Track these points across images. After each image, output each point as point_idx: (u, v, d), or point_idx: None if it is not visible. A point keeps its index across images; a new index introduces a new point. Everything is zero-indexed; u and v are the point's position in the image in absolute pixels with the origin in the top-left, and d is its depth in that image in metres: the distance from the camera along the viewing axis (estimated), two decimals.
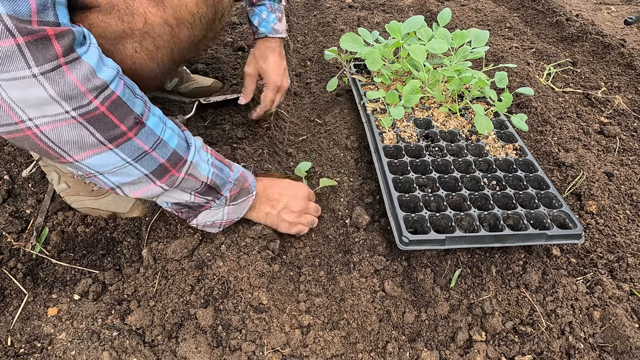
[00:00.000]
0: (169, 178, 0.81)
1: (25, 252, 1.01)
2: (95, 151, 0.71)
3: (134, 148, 0.74)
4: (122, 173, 0.76)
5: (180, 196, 0.87)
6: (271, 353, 0.86)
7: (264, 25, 1.28)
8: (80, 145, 0.70)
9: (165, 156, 0.79)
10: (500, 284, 1.01)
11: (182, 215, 0.93)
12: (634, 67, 1.85)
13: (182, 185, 0.84)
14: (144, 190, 0.81)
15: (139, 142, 0.75)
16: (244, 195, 0.97)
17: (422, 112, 1.35)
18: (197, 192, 0.87)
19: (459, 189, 1.09)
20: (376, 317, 0.93)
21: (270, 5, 1.29)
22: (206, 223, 0.96)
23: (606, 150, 1.45)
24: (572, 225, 1.01)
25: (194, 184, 0.86)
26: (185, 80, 1.55)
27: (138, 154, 0.75)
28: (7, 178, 1.16)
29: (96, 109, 0.68)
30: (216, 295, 0.93)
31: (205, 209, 0.93)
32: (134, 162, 0.76)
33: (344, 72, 1.64)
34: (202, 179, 0.86)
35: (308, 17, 2.36)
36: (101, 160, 0.73)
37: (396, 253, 1.06)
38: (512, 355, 0.90)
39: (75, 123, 0.67)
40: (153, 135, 0.77)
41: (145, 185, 0.80)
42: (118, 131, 0.72)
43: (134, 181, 0.79)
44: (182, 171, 0.82)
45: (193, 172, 0.84)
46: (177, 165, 0.81)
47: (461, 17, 2.35)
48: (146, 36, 0.80)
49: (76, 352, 0.84)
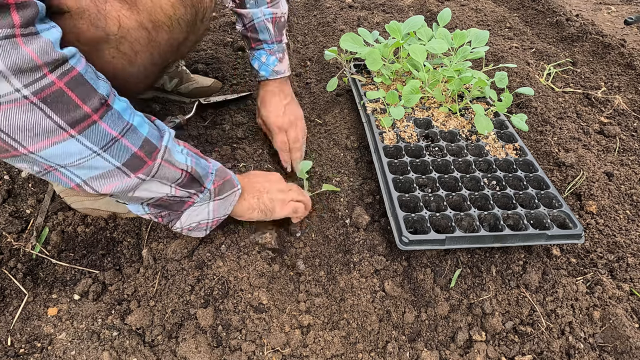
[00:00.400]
0: (145, 169, 0.72)
1: (25, 252, 1.01)
2: (55, 139, 0.61)
3: (100, 134, 0.65)
4: (88, 166, 0.67)
5: (158, 189, 0.77)
6: (271, 353, 0.86)
7: (264, 68, 1.27)
8: (36, 132, 0.60)
9: (137, 144, 0.70)
10: (500, 284, 1.01)
11: (163, 220, 0.86)
12: (634, 67, 1.85)
13: (159, 173, 0.75)
14: (116, 184, 0.71)
15: (106, 127, 0.65)
16: (228, 188, 0.90)
17: (422, 112, 1.35)
18: (177, 185, 0.79)
19: (459, 189, 1.09)
20: (376, 317, 0.93)
21: (269, 48, 1.26)
22: (191, 225, 0.89)
23: (606, 150, 1.45)
24: (572, 225, 1.01)
25: (174, 174, 0.77)
26: (185, 81, 1.55)
27: (106, 141, 0.66)
28: (7, 178, 1.16)
29: (52, 84, 0.59)
30: (216, 295, 0.93)
31: (188, 206, 0.85)
32: (102, 151, 0.66)
33: (344, 72, 1.64)
34: (180, 167, 0.78)
35: (308, 17, 2.36)
36: (62, 149, 0.63)
37: (396, 253, 1.06)
38: (512, 355, 0.90)
39: (27, 104, 0.57)
40: (121, 120, 0.68)
41: (118, 179, 0.71)
42: (80, 113, 0.62)
43: (103, 174, 0.69)
44: (157, 157, 0.74)
45: (169, 158, 0.76)
46: (152, 154, 0.73)
47: (461, 17, 2.35)
48: (123, 40, 0.76)
49: (76, 352, 0.84)
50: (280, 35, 1.27)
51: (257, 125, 1.41)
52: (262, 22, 1.22)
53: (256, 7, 1.20)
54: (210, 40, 2.00)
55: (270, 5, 1.21)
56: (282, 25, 1.27)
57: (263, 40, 1.25)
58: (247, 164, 1.28)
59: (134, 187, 0.74)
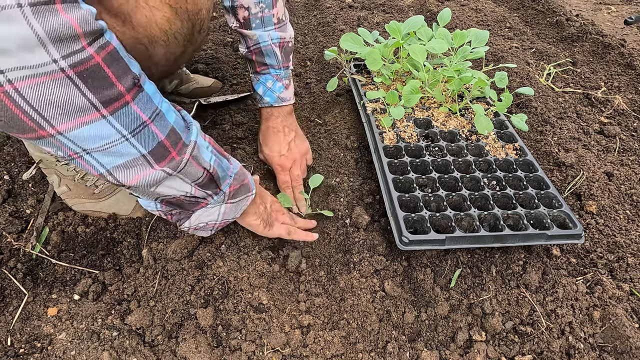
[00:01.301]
0: (169, 161, 0.69)
1: (25, 252, 1.01)
2: (85, 119, 0.57)
3: (131, 117, 0.61)
4: (115, 152, 0.63)
5: (180, 187, 0.75)
6: (271, 353, 0.86)
7: (269, 94, 1.21)
8: (67, 110, 0.55)
9: (164, 132, 0.67)
10: (500, 284, 1.01)
11: (172, 218, 0.84)
12: (634, 67, 1.85)
13: (185, 170, 0.72)
14: (142, 175, 0.67)
15: (137, 109, 0.62)
16: (243, 192, 0.88)
17: (422, 112, 1.35)
18: (197, 184, 0.76)
19: (459, 189, 1.09)
20: (376, 317, 0.93)
21: (276, 73, 1.19)
22: (198, 225, 0.87)
23: (606, 150, 1.45)
24: (572, 225, 1.01)
25: (196, 172, 0.74)
26: (185, 81, 1.55)
27: (136, 125, 0.62)
28: (7, 178, 1.16)
29: (90, 58, 0.55)
30: (216, 295, 0.93)
31: (201, 207, 0.83)
32: (130, 136, 0.62)
33: (344, 72, 1.64)
34: (204, 166, 0.75)
35: (308, 17, 2.36)
36: (91, 131, 0.59)
37: (396, 253, 1.06)
38: (512, 355, 0.90)
39: (63, 78, 0.53)
40: (150, 103, 0.64)
41: (142, 169, 0.67)
42: (114, 92, 0.58)
43: (128, 163, 0.65)
44: (185, 152, 0.71)
45: (197, 154, 0.73)
46: (177, 146, 0.69)
47: (461, 17, 2.35)
48: None
49: (76, 352, 0.84)
50: (288, 61, 1.21)
51: (257, 126, 1.41)
52: (269, 46, 1.15)
53: (262, 29, 1.13)
54: (210, 40, 2.00)
55: (277, 28, 1.15)
56: (289, 50, 1.21)
57: (269, 64, 1.18)
58: (247, 164, 1.28)
59: (159, 181, 0.70)
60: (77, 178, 1.02)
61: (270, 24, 1.13)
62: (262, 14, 1.11)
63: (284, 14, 1.17)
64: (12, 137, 1.23)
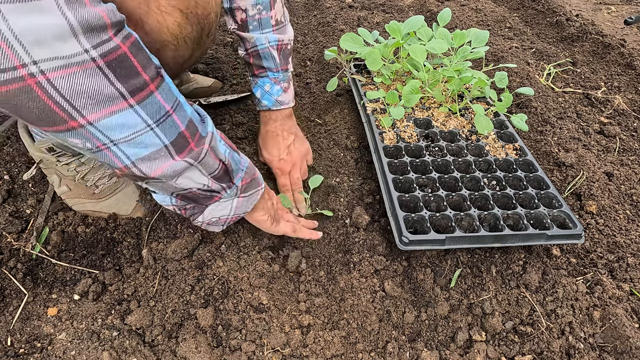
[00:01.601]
0: (188, 152, 0.70)
1: (25, 252, 1.01)
2: (114, 108, 0.58)
3: (156, 106, 0.63)
4: (139, 142, 0.64)
5: (198, 179, 0.75)
6: (271, 353, 0.86)
7: (267, 97, 1.21)
8: (98, 99, 0.56)
9: (184, 123, 0.68)
10: (500, 284, 1.01)
11: (186, 212, 0.85)
12: (634, 67, 1.85)
13: (205, 160, 0.73)
14: (164, 166, 0.68)
15: (160, 99, 0.63)
16: (254, 186, 0.89)
17: (422, 112, 1.35)
18: (213, 177, 0.77)
19: (459, 189, 1.09)
20: (376, 317, 0.93)
21: (274, 76, 1.19)
22: (211, 220, 0.87)
23: (606, 150, 1.45)
24: (572, 225, 1.01)
25: (213, 164, 0.76)
26: (185, 81, 1.55)
27: (160, 114, 0.64)
28: (7, 178, 1.16)
29: (117, 48, 0.56)
30: (216, 295, 0.93)
31: (214, 201, 0.84)
32: (155, 125, 0.64)
33: (344, 72, 1.64)
34: (220, 158, 0.77)
35: (308, 17, 2.36)
36: (120, 120, 0.60)
37: (396, 253, 1.06)
38: (512, 355, 0.90)
39: (93, 68, 0.54)
40: (171, 94, 0.66)
41: (164, 160, 0.68)
42: (140, 81, 0.60)
43: (151, 155, 0.66)
44: (204, 143, 0.72)
45: (215, 145, 0.74)
46: (195, 137, 0.71)
47: (461, 17, 2.35)
48: None
49: (76, 352, 0.84)
50: (286, 64, 1.20)
51: (257, 126, 1.41)
52: (266, 49, 1.14)
53: (259, 31, 1.12)
54: None
55: (275, 31, 1.14)
56: (288, 53, 1.20)
57: (267, 67, 1.18)
58: None
59: (181, 172, 0.71)
60: (77, 178, 1.02)
61: (268, 26, 1.13)
62: (259, 15, 1.10)
63: (283, 15, 1.17)
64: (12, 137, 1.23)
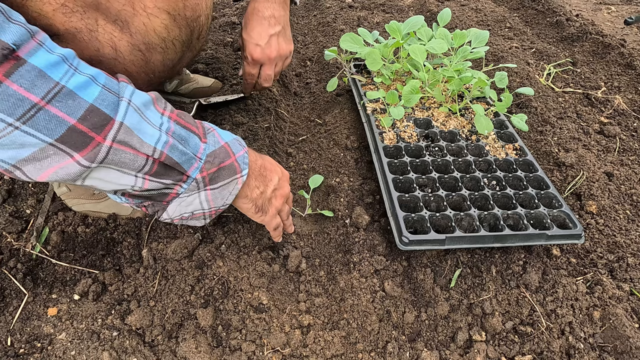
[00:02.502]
0: (93, 148, 0.56)
1: (25, 252, 1.01)
2: None
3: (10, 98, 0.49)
4: (10, 142, 0.51)
5: (118, 179, 0.61)
6: (271, 353, 0.86)
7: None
8: None
9: (77, 114, 0.54)
10: (500, 284, 1.01)
11: (147, 210, 0.73)
12: (634, 67, 1.85)
13: (111, 159, 0.58)
14: (55, 168, 0.55)
15: (19, 89, 0.49)
16: (226, 176, 0.73)
17: (422, 112, 1.35)
18: (146, 174, 0.63)
19: (459, 189, 1.09)
20: (376, 317, 0.93)
21: None
22: (183, 215, 0.74)
23: (606, 150, 1.45)
24: (572, 225, 1.01)
25: (134, 160, 0.60)
26: (185, 81, 1.55)
27: (23, 109, 0.50)
28: (7, 178, 1.16)
29: None
30: (216, 295, 0.93)
31: (172, 197, 0.70)
32: (19, 122, 0.50)
33: (344, 72, 1.64)
34: (144, 151, 0.60)
35: (308, 17, 2.36)
36: None
37: (396, 253, 1.06)
38: (512, 355, 0.90)
39: None
40: (43, 79, 0.51)
41: (57, 160, 0.55)
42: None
43: (35, 155, 0.54)
44: (108, 137, 0.57)
45: (126, 138, 0.58)
46: (105, 130, 0.56)
47: (461, 17, 2.35)
48: (116, 63, 0.73)
49: (76, 352, 0.84)
50: None
51: (257, 126, 1.41)
52: None
53: None
54: (210, 40, 2.00)
55: None
56: None
57: None
58: None
59: (78, 176, 0.57)
60: None
61: None
62: None
63: None
64: None
